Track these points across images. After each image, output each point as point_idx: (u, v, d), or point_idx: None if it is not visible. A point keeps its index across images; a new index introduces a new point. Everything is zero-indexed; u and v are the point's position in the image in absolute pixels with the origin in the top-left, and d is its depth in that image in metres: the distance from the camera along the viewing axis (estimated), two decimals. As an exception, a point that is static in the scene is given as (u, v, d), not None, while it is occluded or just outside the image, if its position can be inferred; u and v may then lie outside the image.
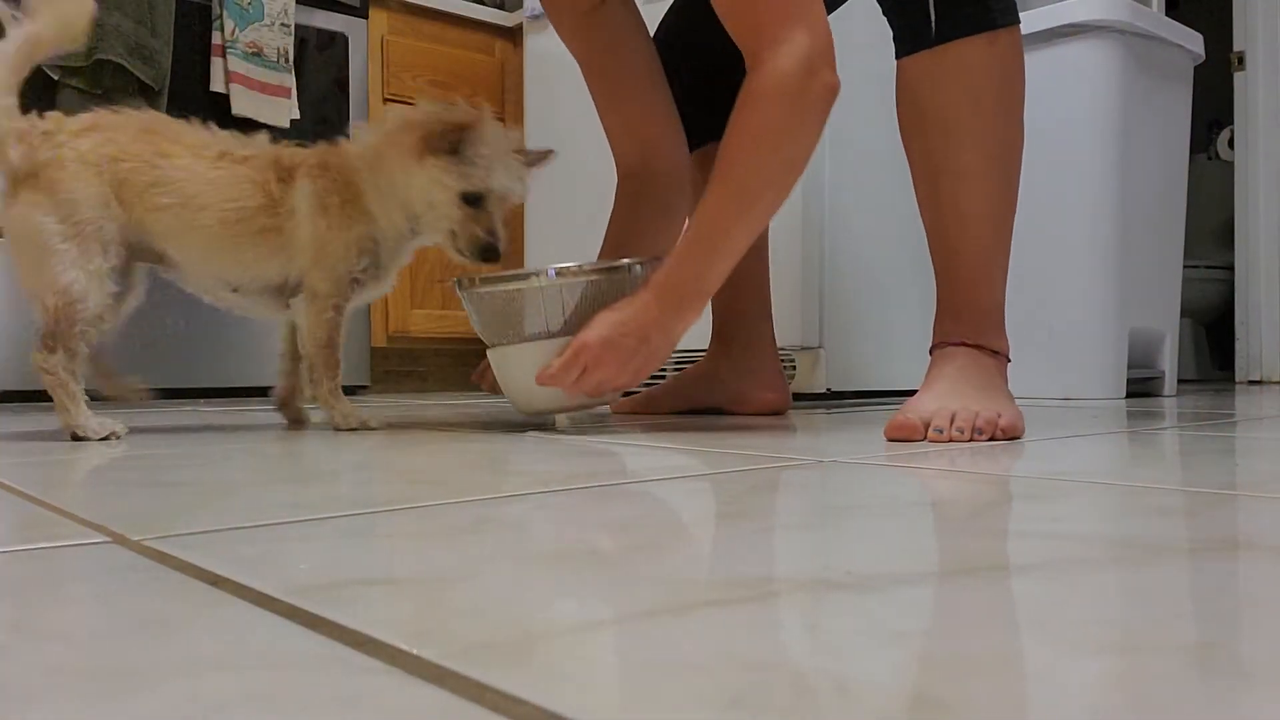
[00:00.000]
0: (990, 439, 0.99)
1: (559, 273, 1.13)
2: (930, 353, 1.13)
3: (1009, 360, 1.12)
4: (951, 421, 0.99)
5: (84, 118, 1.17)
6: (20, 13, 1.12)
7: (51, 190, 1.10)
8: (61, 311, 1.11)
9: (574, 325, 1.13)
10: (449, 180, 1.15)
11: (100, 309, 1.13)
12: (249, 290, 1.23)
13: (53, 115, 1.16)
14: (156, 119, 1.22)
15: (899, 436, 1.00)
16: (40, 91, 2.10)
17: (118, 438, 1.12)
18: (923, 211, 1.16)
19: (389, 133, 1.20)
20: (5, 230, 1.13)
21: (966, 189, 1.11)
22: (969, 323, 1.11)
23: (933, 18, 1.10)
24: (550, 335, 1.14)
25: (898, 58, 1.19)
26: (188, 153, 1.17)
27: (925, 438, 0.99)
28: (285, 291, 1.23)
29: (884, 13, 1.20)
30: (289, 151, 1.23)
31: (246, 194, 1.17)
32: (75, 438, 1.11)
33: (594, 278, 1.13)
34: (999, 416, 1.01)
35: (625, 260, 1.16)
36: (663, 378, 2.12)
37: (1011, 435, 1.01)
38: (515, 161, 1.18)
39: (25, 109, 1.20)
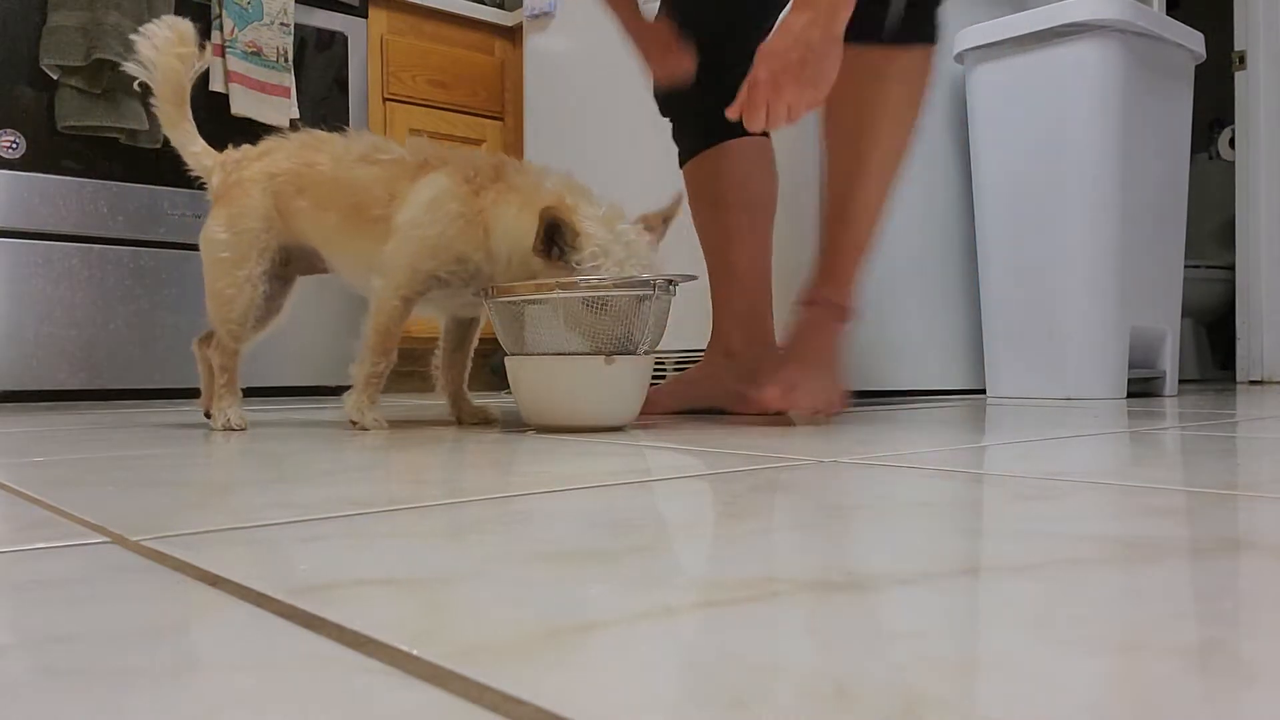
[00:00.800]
0: (827, 417, 1.24)
1: (584, 286, 1.11)
2: (802, 306, 1.32)
3: (851, 318, 1.34)
4: (809, 400, 1.22)
5: (261, 144, 1.32)
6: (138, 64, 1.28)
7: (228, 207, 1.27)
8: (216, 311, 1.27)
9: (594, 340, 1.13)
10: (570, 275, 1.12)
11: (247, 309, 1.26)
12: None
13: (244, 147, 1.33)
14: (315, 135, 1.33)
15: (751, 411, 1.24)
16: (40, 91, 2.10)
17: (236, 429, 1.24)
18: (833, 181, 1.31)
19: (537, 202, 1.14)
20: (200, 244, 1.30)
21: (879, 171, 1.27)
22: (838, 282, 1.30)
23: (888, 17, 1.21)
24: (568, 352, 1.13)
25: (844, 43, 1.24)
26: (329, 160, 1.27)
27: (788, 409, 1.22)
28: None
29: None
30: (444, 152, 1.25)
31: (369, 191, 1.23)
32: (206, 415, 1.32)
33: (616, 293, 1.12)
34: (828, 396, 1.25)
35: (651, 276, 1.15)
36: (662, 377, 2.13)
37: (833, 410, 1.26)
38: (630, 240, 1.14)
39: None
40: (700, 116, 1.50)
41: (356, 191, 1.24)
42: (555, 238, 1.11)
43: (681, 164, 1.56)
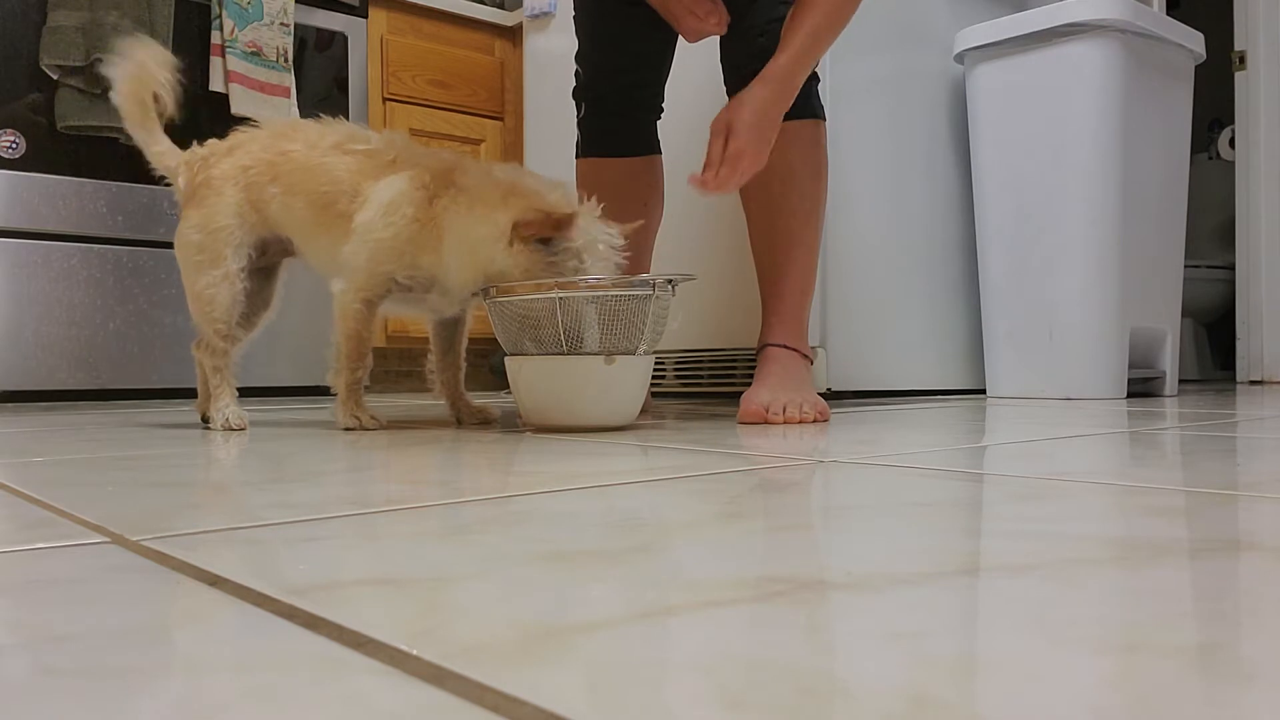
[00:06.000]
0: (812, 421, 1.31)
1: (581, 285, 1.11)
2: (758, 352, 1.45)
3: (812, 361, 1.47)
4: (784, 409, 1.30)
5: (229, 139, 1.30)
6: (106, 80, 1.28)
7: (200, 207, 1.26)
8: (198, 312, 1.26)
9: (590, 338, 1.12)
10: (536, 270, 1.13)
11: (229, 306, 1.25)
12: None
13: (210, 142, 1.31)
14: (289, 123, 1.32)
15: (749, 421, 1.31)
16: (40, 91, 2.10)
17: (235, 429, 1.24)
18: (756, 244, 1.47)
19: (490, 198, 1.16)
20: (175, 248, 1.29)
21: (796, 224, 1.43)
22: (791, 330, 1.43)
23: None
24: (566, 351, 1.13)
25: None
26: (303, 146, 1.26)
27: (768, 420, 1.29)
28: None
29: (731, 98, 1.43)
30: (415, 150, 1.25)
31: (337, 181, 1.22)
32: (203, 419, 1.32)
33: (614, 293, 1.12)
34: (814, 405, 1.34)
35: (648, 276, 1.15)
36: (663, 378, 2.13)
37: (824, 419, 1.33)
38: (607, 251, 1.16)
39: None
40: (624, 124, 1.57)
41: (326, 181, 1.23)
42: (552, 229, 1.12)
43: (580, 154, 1.60)
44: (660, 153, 1.60)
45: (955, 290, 2.18)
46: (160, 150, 1.30)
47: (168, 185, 1.33)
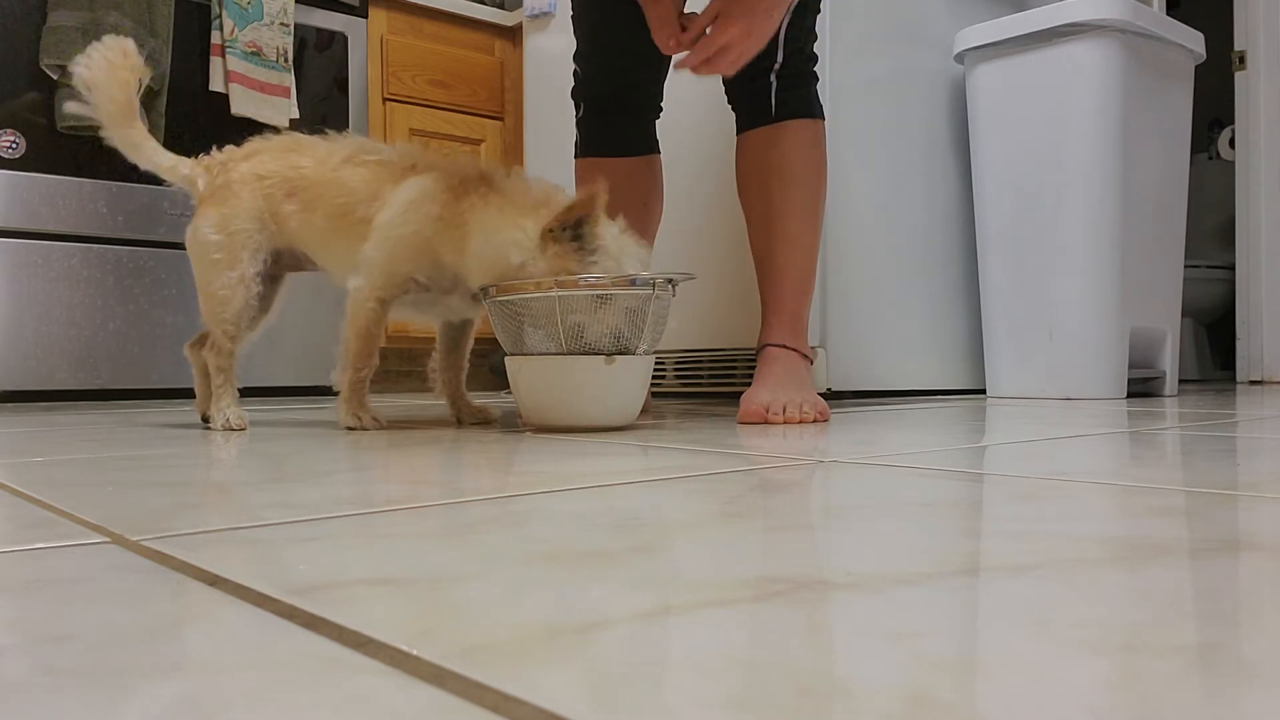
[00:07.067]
0: (813, 421, 1.31)
1: (579, 284, 1.11)
2: (758, 352, 1.45)
3: (812, 361, 1.48)
4: (784, 409, 1.31)
5: (246, 145, 1.32)
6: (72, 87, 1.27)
7: (218, 207, 1.27)
8: (210, 312, 1.26)
9: (591, 338, 1.12)
10: (573, 267, 1.12)
11: (242, 309, 1.26)
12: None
13: (227, 148, 1.33)
14: (295, 138, 1.33)
15: (749, 421, 1.31)
16: (40, 91, 2.10)
17: (236, 429, 1.24)
18: (756, 244, 1.48)
19: (523, 204, 1.16)
20: (187, 244, 1.30)
21: (795, 224, 1.44)
22: (790, 330, 1.43)
23: (773, 103, 1.43)
24: (565, 351, 1.13)
25: (740, 132, 1.49)
26: (315, 162, 1.27)
27: (768, 420, 1.29)
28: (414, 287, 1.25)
29: (729, 101, 1.50)
30: (433, 158, 1.25)
31: (354, 192, 1.23)
32: (203, 419, 1.32)
33: (613, 291, 1.12)
34: (814, 405, 1.34)
35: (647, 274, 1.15)
36: (663, 378, 2.13)
37: (824, 419, 1.33)
38: (636, 245, 1.16)
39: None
40: (623, 124, 1.57)
41: (342, 193, 1.23)
42: (578, 227, 1.11)
43: (580, 154, 1.60)
44: (659, 152, 1.60)
45: (955, 290, 2.18)
46: (169, 164, 1.30)
47: (168, 185, 1.33)
